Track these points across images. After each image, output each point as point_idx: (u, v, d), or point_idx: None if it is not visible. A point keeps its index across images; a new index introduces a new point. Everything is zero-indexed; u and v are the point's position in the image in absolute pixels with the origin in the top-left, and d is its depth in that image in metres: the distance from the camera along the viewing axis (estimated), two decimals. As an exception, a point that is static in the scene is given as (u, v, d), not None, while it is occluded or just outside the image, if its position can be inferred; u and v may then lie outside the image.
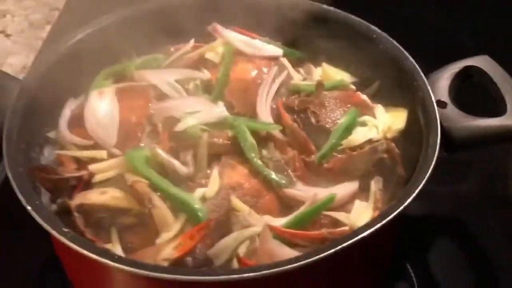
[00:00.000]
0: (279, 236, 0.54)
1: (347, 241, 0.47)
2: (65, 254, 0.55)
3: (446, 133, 0.61)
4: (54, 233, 0.47)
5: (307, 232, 0.55)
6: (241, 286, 0.46)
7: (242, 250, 0.54)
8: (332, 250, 0.46)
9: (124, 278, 0.49)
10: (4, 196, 0.75)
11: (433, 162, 0.55)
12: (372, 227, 0.48)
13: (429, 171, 0.54)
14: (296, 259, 0.46)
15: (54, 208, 0.56)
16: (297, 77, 0.76)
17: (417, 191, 0.53)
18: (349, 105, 0.70)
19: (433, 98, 0.63)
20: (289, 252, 0.51)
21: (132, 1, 0.81)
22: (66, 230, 0.48)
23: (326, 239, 0.54)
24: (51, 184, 0.60)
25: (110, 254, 0.49)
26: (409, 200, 0.52)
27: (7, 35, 1.17)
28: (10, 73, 0.77)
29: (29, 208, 0.49)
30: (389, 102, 0.72)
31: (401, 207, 0.52)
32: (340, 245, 0.46)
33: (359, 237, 0.47)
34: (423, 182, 0.53)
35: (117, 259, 0.46)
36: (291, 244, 0.55)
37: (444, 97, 0.65)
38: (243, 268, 0.51)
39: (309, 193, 0.60)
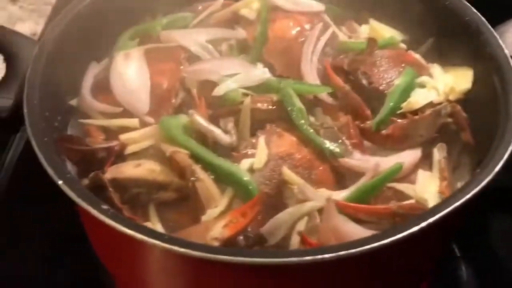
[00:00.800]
0: (343, 211, 0.47)
1: (434, 215, 0.40)
2: (100, 232, 0.49)
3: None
4: (91, 210, 0.41)
5: (375, 206, 0.49)
6: (314, 269, 0.40)
7: (300, 227, 0.48)
8: (418, 227, 0.39)
9: (173, 259, 0.43)
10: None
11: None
12: (459, 200, 0.42)
13: (510, 148, 0.46)
14: (383, 236, 0.39)
15: (85, 183, 0.49)
16: (341, 36, 0.69)
17: (498, 167, 0.46)
18: (403, 65, 0.63)
19: (507, 53, 0.56)
20: (357, 230, 0.45)
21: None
22: (105, 207, 0.42)
23: (395, 214, 0.48)
24: (78, 156, 0.53)
25: (158, 234, 0.42)
26: (491, 175, 0.45)
27: (13, 1, 1.09)
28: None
29: (60, 182, 0.43)
30: (446, 61, 0.65)
31: (484, 182, 0.45)
32: (427, 219, 0.40)
33: (446, 210, 0.41)
34: (505, 158, 0.46)
35: (168, 240, 0.39)
36: (355, 220, 0.48)
37: (517, 51, 0.58)
38: (317, 248, 0.44)
39: (369, 163, 0.53)
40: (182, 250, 0.39)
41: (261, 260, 0.39)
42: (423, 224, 0.40)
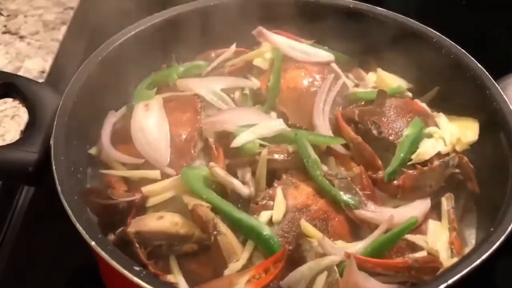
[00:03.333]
0: (361, 265, 0.49)
1: (454, 276, 0.42)
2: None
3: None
4: (126, 273, 0.42)
5: (393, 261, 0.51)
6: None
7: (320, 282, 0.49)
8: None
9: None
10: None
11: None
12: (476, 260, 0.44)
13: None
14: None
15: (112, 238, 0.51)
16: (349, 84, 0.71)
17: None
18: (410, 114, 0.66)
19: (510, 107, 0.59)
20: (377, 286, 0.47)
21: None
22: (137, 268, 0.43)
23: (411, 268, 0.50)
24: (100, 209, 0.54)
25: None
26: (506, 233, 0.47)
27: (21, 37, 1.11)
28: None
29: (93, 243, 0.44)
30: (451, 110, 0.68)
31: (495, 246, 0.47)
32: (447, 280, 0.42)
33: (466, 270, 0.43)
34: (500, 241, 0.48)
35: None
36: (371, 273, 0.50)
37: (520, 105, 0.61)
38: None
39: (384, 215, 0.55)
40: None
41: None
42: (444, 285, 0.42)
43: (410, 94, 0.71)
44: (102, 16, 0.80)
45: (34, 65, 1.03)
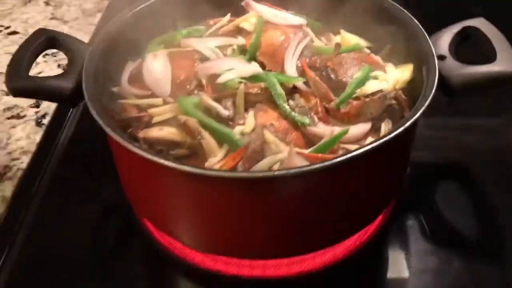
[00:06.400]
0: (306, 159, 0.67)
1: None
2: (129, 162, 0.70)
3: (445, 80, 0.73)
4: (127, 145, 0.61)
5: (324, 154, 0.68)
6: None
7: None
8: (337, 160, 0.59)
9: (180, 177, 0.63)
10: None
11: (430, 97, 0.66)
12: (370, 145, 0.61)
13: (426, 103, 0.65)
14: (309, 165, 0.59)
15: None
16: (319, 43, 0.89)
17: (415, 117, 0.65)
18: (363, 64, 0.82)
19: (434, 51, 0.75)
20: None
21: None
22: (136, 144, 0.63)
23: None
24: (118, 124, 0.73)
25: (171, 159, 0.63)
26: (408, 123, 0.64)
27: (65, 22, 1.33)
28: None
29: (108, 129, 0.63)
30: (398, 61, 0.84)
31: (401, 129, 0.64)
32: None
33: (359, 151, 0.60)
34: (420, 111, 0.65)
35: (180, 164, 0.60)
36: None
37: (445, 52, 0.77)
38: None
39: (328, 130, 0.72)
40: (188, 169, 0.59)
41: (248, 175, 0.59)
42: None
43: (367, 51, 0.88)
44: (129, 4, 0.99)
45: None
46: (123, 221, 0.85)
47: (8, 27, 1.31)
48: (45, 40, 0.80)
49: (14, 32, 1.29)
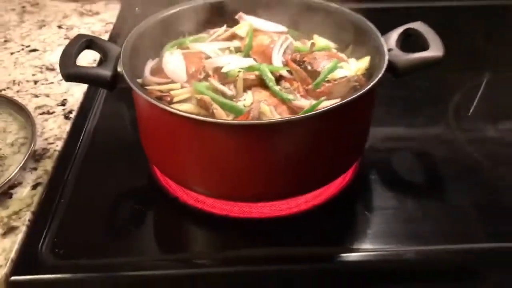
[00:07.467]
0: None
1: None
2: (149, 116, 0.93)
3: (392, 65, 0.98)
4: (150, 99, 0.85)
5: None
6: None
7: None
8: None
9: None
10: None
11: (379, 75, 0.91)
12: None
13: (377, 79, 0.90)
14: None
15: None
16: (298, 44, 1.13)
17: (365, 89, 0.89)
18: (332, 58, 1.07)
19: (385, 46, 1.00)
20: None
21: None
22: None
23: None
24: (147, 103, 0.96)
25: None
26: (359, 94, 0.88)
27: (96, 13, 1.55)
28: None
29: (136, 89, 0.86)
30: (359, 55, 1.09)
31: (353, 97, 0.88)
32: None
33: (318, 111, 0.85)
34: (371, 85, 0.90)
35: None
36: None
37: (392, 46, 1.02)
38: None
39: (307, 102, 0.96)
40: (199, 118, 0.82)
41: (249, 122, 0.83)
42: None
43: (335, 50, 1.13)
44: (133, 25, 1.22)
45: (86, 58, 1.46)
46: (146, 181, 1.06)
47: (28, 46, 1.52)
48: (85, 42, 1.02)
49: (34, 50, 1.50)
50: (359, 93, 0.87)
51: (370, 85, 0.89)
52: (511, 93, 1.27)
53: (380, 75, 0.91)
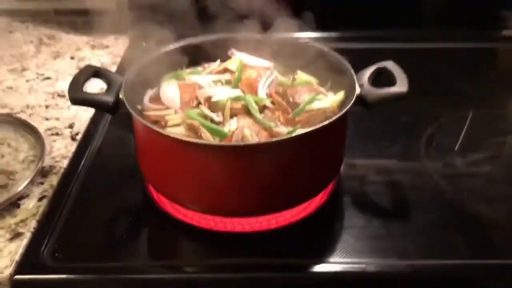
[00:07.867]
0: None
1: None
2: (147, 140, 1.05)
3: (363, 98, 1.10)
4: (148, 124, 0.96)
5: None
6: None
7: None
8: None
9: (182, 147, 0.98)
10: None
11: (348, 106, 1.04)
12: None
13: (345, 109, 1.03)
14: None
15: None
16: (282, 78, 1.27)
17: (334, 118, 1.01)
18: (312, 92, 1.20)
19: (356, 82, 1.13)
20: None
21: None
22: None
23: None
24: (144, 126, 1.08)
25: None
26: (328, 122, 1.00)
27: (106, 46, 1.70)
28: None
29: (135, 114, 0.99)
30: (337, 90, 1.22)
31: (322, 124, 1.00)
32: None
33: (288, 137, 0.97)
34: (339, 115, 1.02)
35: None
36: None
37: (364, 82, 1.15)
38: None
39: (285, 129, 1.08)
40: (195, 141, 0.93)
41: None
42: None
43: (316, 85, 1.26)
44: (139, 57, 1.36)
45: (96, 85, 1.60)
46: (140, 198, 1.18)
47: (42, 74, 1.67)
48: (92, 72, 1.16)
49: (48, 78, 1.65)
50: (328, 121, 0.99)
51: (338, 115, 1.01)
52: (481, 128, 1.38)
53: (348, 107, 1.04)
